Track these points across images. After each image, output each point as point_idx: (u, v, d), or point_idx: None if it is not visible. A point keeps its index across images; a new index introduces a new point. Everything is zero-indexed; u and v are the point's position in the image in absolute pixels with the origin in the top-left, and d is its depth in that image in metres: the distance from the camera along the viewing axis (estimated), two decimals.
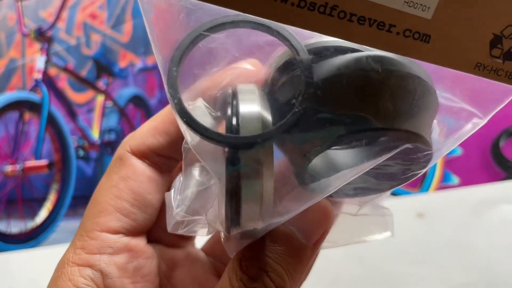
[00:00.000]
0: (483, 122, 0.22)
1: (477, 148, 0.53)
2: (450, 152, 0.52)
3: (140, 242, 0.24)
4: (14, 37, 0.80)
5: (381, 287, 0.53)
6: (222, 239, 0.22)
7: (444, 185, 0.53)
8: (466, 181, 0.53)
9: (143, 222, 0.25)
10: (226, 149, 0.18)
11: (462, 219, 0.52)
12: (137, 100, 0.69)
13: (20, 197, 0.74)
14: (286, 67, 0.20)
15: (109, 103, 0.70)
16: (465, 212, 0.52)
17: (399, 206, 0.54)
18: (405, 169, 0.22)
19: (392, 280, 0.52)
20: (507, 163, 0.52)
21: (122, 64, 0.70)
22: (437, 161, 0.39)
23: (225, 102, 0.20)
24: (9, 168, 0.74)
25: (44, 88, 0.74)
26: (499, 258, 0.50)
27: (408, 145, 0.19)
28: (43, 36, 0.76)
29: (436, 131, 0.22)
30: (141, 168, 0.24)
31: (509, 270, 0.50)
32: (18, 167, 0.74)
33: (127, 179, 0.24)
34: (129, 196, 0.23)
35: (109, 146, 0.69)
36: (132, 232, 0.24)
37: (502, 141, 0.52)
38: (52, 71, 0.75)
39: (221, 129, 0.19)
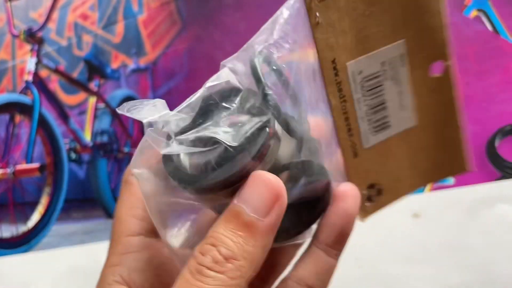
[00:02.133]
0: None
1: (472, 148, 0.53)
2: None
3: (160, 243, 0.28)
4: (4, 38, 0.80)
5: (377, 287, 0.54)
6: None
7: (439, 185, 0.54)
8: (462, 181, 0.53)
9: None
10: None
11: (457, 219, 0.53)
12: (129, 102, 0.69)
13: (12, 200, 0.74)
14: None
15: (101, 105, 0.71)
16: (461, 212, 0.53)
17: (394, 206, 0.54)
18: None
19: (387, 280, 0.53)
20: (502, 162, 0.52)
21: (114, 65, 0.71)
22: None
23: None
24: (0, 172, 0.75)
25: (35, 90, 0.74)
26: (495, 258, 0.51)
27: None
28: (33, 37, 0.76)
29: None
30: None
31: (505, 270, 0.50)
32: (9, 170, 0.74)
33: (136, 193, 0.28)
34: (140, 204, 0.27)
35: (101, 149, 0.69)
36: (151, 233, 0.27)
37: (498, 140, 0.53)
38: (43, 73, 0.75)
39: None
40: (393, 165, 0.28)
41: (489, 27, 0.55)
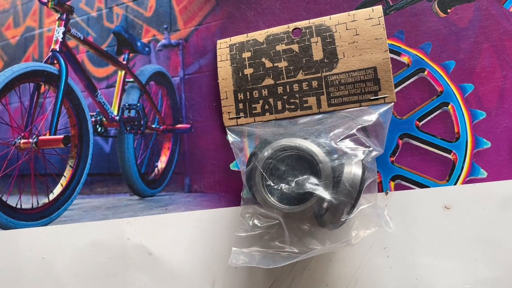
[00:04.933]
0: None
1: (507, 142, 0.53)
2: (479, 145, 0.52)
3: None
4: (32, 5, 0.80)
5: (405, 278, 0.54)
6: None
7: (472, 178, 0.54)
8: (494, 175, 0.53)
9: None
10: None
11: (489, 213, 0.53)
12: (159, 77, 0.68)
13: (33, 171, 0.74)
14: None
15: (130, 79, 0.70)
16: (493, 207, 0.53)
17: (426, 197, 0.55)
18: None
19: (416, 271, 0.54)
20: None
21: (144, 39, 0.70)
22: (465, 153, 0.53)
23: None
24: (21, 141, 0.74)
25: (62, 60, 0.74)
26: None
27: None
28: (62, 5, 0.75)
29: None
30: None
31: None
32: (31, 140, 0.74)
33: None
34: None
35: (129, 123, 0.69)
36: None
37: None
38: (71, 43, 0.75)
39: None
40: None
41: None
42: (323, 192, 0.48)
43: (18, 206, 0.73)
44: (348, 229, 0.51)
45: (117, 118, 0.70)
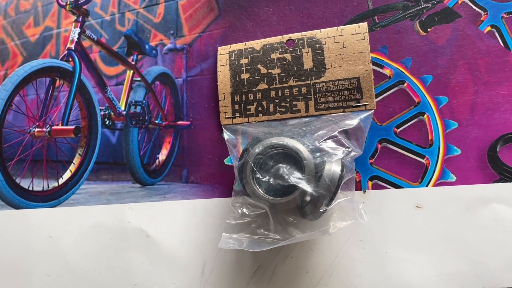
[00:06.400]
0: None
1: (475, 150, 0.55)
2: (450, 152, 0.54)
3: None
4: (51, 7, 0.82)
5: (378, 268, 0.56)
6: None
7: (442, 181, 0.55)
8: (463, 180, 0.55)
9: None
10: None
11: (456, 214, 0.54)
12: (164, 78, 0.70)
13: (45, 157, 0.75)
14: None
15: (138, 78, 0.72)
16: (460, 208, 0.54)
17: (400, 197, 0.56)
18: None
19: (388, 263, 0.55)
20: (502, 166, 0.54)
21: (152, 43, 0.72)
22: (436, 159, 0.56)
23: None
24: (36, 130, 0.76)
25: (76, 58, 0.76)
26: (488, 253, 0.53)
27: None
28: (79, 9, 0.78)
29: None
30: None
31: (496, 264, 0.52)
32: (45, 129, 0.75)
33: None
34: None
35: (134, 118, 0.71)
36: None
37: (499, 146, 0.54)
38: (85, 43, 0.77)
39: None
40: None
41: (501, 43, 0.56)
42: (305, 186, 0.51)
43: (30, 188, 0.74)
44: (327, 220, 0.53)
45: (124, 113, 0.72)
